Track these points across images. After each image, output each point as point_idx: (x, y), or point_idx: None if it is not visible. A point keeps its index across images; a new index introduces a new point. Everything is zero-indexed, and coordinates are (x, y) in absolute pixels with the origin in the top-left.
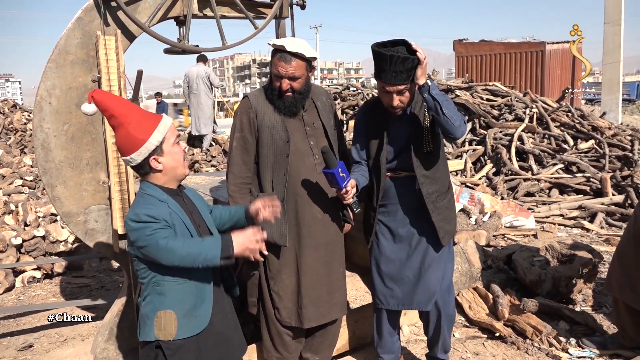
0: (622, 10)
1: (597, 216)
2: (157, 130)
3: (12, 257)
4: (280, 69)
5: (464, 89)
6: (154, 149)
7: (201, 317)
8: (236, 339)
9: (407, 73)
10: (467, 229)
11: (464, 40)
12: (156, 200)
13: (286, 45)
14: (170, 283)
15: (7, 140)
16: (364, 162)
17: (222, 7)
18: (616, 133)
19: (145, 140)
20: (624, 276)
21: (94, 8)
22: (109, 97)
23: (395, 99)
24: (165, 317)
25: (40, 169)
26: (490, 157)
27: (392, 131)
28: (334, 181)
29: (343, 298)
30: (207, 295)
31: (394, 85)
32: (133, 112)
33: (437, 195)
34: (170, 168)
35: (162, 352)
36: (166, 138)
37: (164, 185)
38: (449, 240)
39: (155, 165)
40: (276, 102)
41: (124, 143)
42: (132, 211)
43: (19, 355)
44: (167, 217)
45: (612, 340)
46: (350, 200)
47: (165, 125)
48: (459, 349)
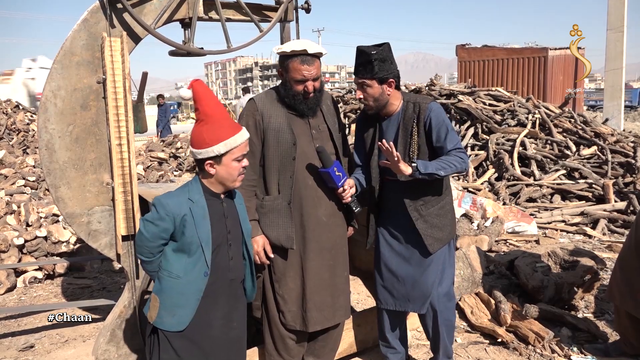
0: (625, 17)
1: (599, 223)
2: (224, 142)
3: (14, 257)
4: (305, 72)
5: (466, 94)
6: (214, 156)
7: (179, 318)
8: (236, 349)
9: (363, 67)
10: (470, 234)
11: (466, 45)
12: (185, 197)
13: (308, 48)
14: (165, 273)
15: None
16: (363, 166)
17: (228, 10)
18: (619, 139)
19: (209, 145)
20: (626, 284)
21: (100, 10)
22: (204, 92)
23: (358, 92)
24: (153, 301)
25: (45, 169)
26: (493, 163)
27: (382, 137)
28: (330, 180)
29: (347, 302)
30: (191, 302)
31: (357, 77)
32: (215, 115)
33: (422, 203)
34: (221, 177)
35: (157, 337)
36: (230, 152)
37: (208, 186)
38: (438, 248)
39: (208, 169)
40: (299, 106)
41: (196, 137)
42: (163, 194)
43: (20, 355)
44: (177, 214)
45: (614, 347)
46: (348, 199)
47: (235, 140)
48: (461, 355)
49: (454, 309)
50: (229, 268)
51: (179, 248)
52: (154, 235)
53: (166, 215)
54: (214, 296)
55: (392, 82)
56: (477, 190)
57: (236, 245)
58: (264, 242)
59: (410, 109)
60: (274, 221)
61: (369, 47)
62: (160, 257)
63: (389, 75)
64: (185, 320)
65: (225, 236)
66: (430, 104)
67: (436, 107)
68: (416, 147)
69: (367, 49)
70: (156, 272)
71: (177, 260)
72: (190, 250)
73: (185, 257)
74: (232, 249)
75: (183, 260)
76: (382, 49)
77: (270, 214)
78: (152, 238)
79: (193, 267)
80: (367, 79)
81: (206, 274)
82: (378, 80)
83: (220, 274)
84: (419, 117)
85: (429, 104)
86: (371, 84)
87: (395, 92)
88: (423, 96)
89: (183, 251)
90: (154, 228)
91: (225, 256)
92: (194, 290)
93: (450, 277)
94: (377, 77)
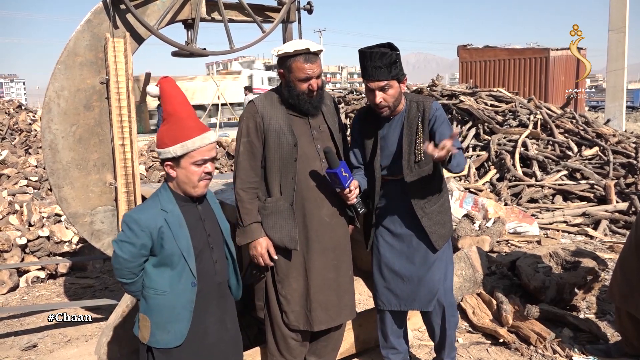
0: (626, 18)
1: (601, 223)
2: (180, 144)
3: (16, 257)
4: (308, 70)
5: (468, 95)
6: (171, 157)
7: (175, 334)
8: (234, 351)
9: (386, 68)
10: (471, 234)
11: (468, 46)
12: (157, 208)
13: (310, 47)
14: (151, 291)
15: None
16: (362, 166)
17: (230, 11)
18: (620, 140)
19: (168, 145)
20: (627, 285)
21: (103, 10)
22: (170, 91)
23: (377, 95)
24: (143, 321)
25: (48, 169)
26: (494, 163)
27: (385, 137)
28: (337, 181)
29: (352, 301)
30: (184, 314)
31: (375, 80)
32: (178, 114)
33: (426, 202)
34: (180, 181)
35: (152, 355)
36: (188, 155)
37: (176, 191)
38: (443, 244)
39: (168, 170)
40: (304, 105)
41: (158, 137)
42: (133, 209)
43: (22, 355)
44: (152, 228)
45: (615, 348)
46: (354, 200)
47: (193, 143)
48: (463, 355)
49: (456, 306)
50: (215, 272)
51: (160, 262)
52: (132, 254)
53: (141, 231)
54: (205, 304)
55: (406, 79)
56: (479, 191)
57: (218, 247)
58: (267, 245)
59: (414, 108)
60: (276, 223)
61: (385, 48)
62: (142, 275)
63: (404, 74)
64: (182, 333)
65: (205, 241)
66: (434, 103)
67: (439, 106)
68: (422, 145)
69: (387, 50)
70: (140, 292)
71: (159, 276)
72: (172, 262)
73: (169, 271)
74: (214, 252)
75: (167, 274)
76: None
77: (272, 216)
78: (132, 258)
79: (179, 280)
80: (390, 80)
81: (194, 284)
82: (397, 80)
83: (208, 280)
84: (423, 116)
85: (432, 103)
86: (393, 84)
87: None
88: (424, 96)
89: (165, 265)
90: (131, 248)
91: (209, 261)
92: (185, 303)
93: (451, 274)
94: (397, 77)
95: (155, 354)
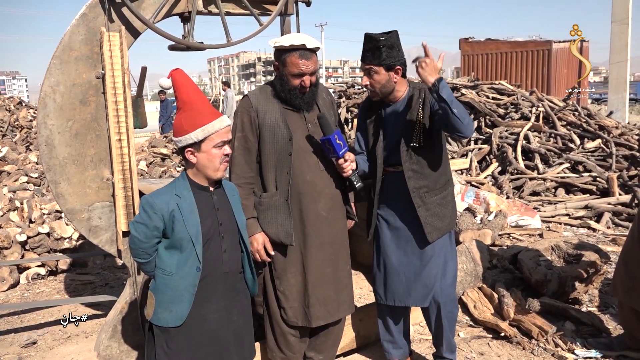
0: (629, 9)
1: (603, 216)
2: (201, 129)
3: (16, 253)
4: (302, 67)
5: (469, 88)
6: (192, 143)
7: (176, 314)
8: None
9: (371, 53)
10: (473, 228)
11: (469, 39)
12: (172, 193)
13: (307, 43)
14: (159, 271)
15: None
16: (364, 152)
17: (227, 4)
18: (623, 132)
19: (187, 132)
20: (629, 278)
21: (99, 4)
22: (182, 81)
23: (364, 78)
24: (150, 298)
25: (44, 165)
26: (496, 156)
27: (388, 125)
28: (330, 149)
29: (350, 296)
30: (186, 297)
31: (363, 63)
32: (194, 102)
33: (425, 190)
34: (202, 166)
35: (152, 333)
36: (209, 138)
37: (194, 179)
38: (436, 237)
39: (189, 157)
40: (296, 100)
41: (176, 126)
42: (150, 194)
43: (22, 351)
44: (165, 211)
45: (618, 341)
46: (349, 172)
47: (212, 126)
48: (464, 349)
49: (457, 302)
50: (222, 261)
51: (171, 245)
52: (146, 235)
53: (154, 214)
54: (207, 290)
55: (399, 69)
56: (481, 184)
57: (230, 237)
58: (263, 240)
59: (416, 95)
60: (272, 218)
61: (377, 34)
62: (156, 256)
63: (396, 63)
64: (183, 315)
65: (216, 229)
66: None
67: None
68: (421, 131)
69: (375, 35)
70: (153, 272)
71: (169, 257)
72: (181, 246)
73: (178, 253)
74: (225, 241)
75: (175, 257)
76: (391, 36)
77: (268, 211)
78: (146, 239)
79: (185, 263)
80: (375, 65)
81: (198, 269)
82: (385, 67)
83: (213, 268)
84: (424, 101)
85: None
86: (378, 70)
87: (401, 80)
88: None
89: (175, 247)
90: (145, 229)
91: (217, 249)
92: (188, 286)
93: (452, 270)
94: (384, 64)
95: (155, 331)
